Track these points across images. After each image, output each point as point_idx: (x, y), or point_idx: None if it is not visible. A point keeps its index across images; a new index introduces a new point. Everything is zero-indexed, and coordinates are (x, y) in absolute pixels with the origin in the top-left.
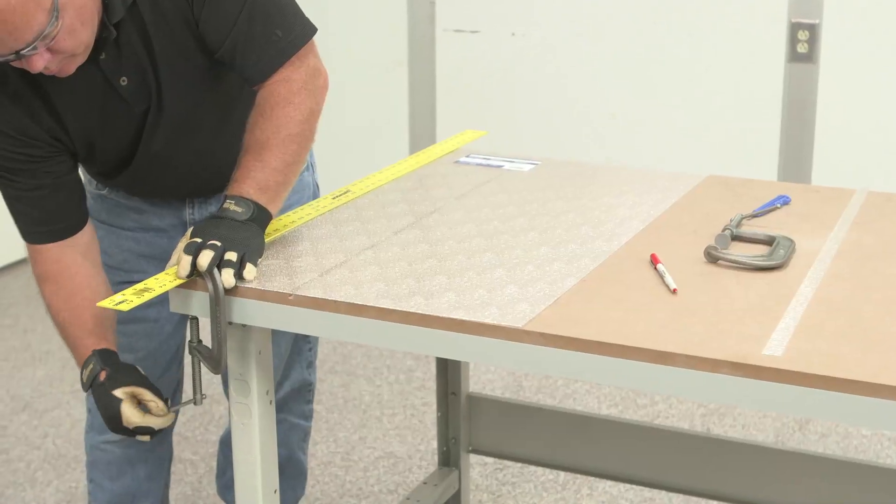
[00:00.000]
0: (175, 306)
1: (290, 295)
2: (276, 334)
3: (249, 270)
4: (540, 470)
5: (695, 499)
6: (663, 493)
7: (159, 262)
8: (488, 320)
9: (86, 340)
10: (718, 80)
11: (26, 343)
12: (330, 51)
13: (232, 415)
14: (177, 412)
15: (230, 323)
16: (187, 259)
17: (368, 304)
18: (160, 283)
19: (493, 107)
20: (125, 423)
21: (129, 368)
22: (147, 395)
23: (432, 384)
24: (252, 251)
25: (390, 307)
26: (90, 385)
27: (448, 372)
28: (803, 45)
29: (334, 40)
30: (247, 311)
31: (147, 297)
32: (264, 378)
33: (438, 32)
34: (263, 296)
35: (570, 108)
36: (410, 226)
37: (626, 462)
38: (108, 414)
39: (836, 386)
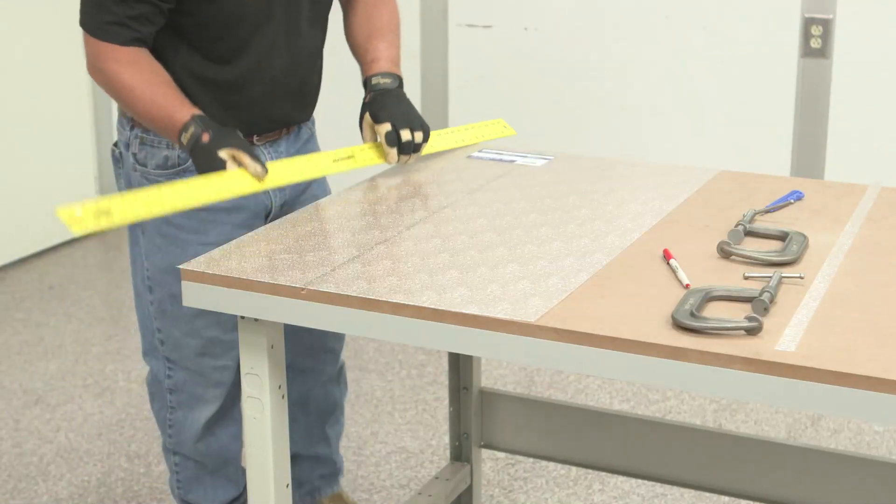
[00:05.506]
0: (188, 300)
1: (303, 289)
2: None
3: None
4: (552, 465)
5: (706, 494)
6: (675, 488)
7: (238, 215)
8: (500, 315)
9: (180, 108)
10: (731, 75)
11: (39, 337)
12: (343, 44)
13: (244, 409)
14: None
15: (242, 317)
16: (394, 150)
17: (381, 299)
18: (122, 209)
19: (506, 101)
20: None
21: (231, 132)
22: (247, 158)
23: (444, 379)
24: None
25: (403, 302)
26: (191, 147)
27: (460, 367)
28: (816, 41)
29: None
30: (259, 305)
31: (105, 222)
32: (277, 373)
33: (451, 27)
34: (276, 290)
35: (582, 102)
36: (423, 220)
37: (637, 457)
38: (216, 170)
39: (849, 382)
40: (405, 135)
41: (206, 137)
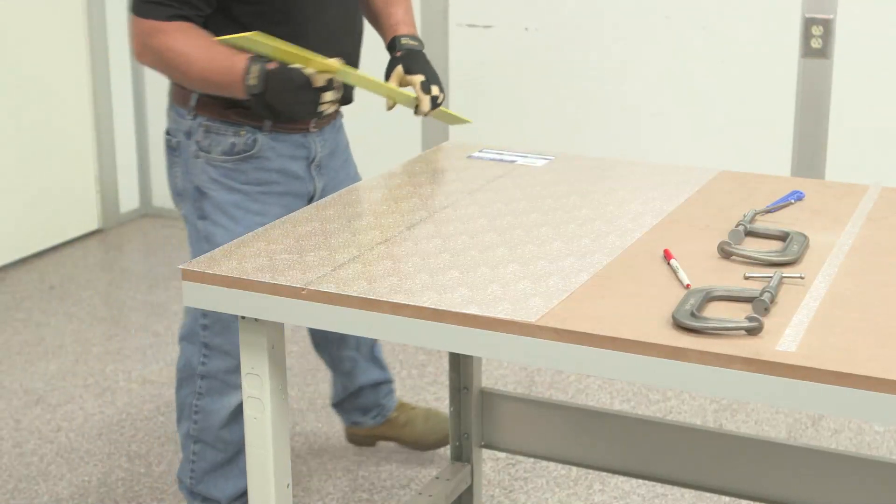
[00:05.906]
0: (188, 300)
1: (303, 289)
2: None
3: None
4: (552, 465)
5: (707, 494)
6: (675, 488)
7: (287, 198)
8: (501, 315)
9: (236, 59)
10: (732, 75)
11: (39, 337)
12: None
13: (245, 409)
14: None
15: (242, 317)
16: (427, 98)
17: (381, 299)
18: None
19: (506, 101)
20: (315, 84)
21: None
22: (318, 61)
23: (445, 379)
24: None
25: (403, 302)
26: (265, 78)
27: (461, 367)
28: (817, 41)
29: None
30: (259, 305)
31: (267, 44)
32: (277, 373)
33: (452, 27)
34: (276, 290)
35: (582, 103)
36: (423, 220)
37: (638, 457)
38: (298, 83)
39: (850, 382)
40: (435, 90)
41: (272, 64)
